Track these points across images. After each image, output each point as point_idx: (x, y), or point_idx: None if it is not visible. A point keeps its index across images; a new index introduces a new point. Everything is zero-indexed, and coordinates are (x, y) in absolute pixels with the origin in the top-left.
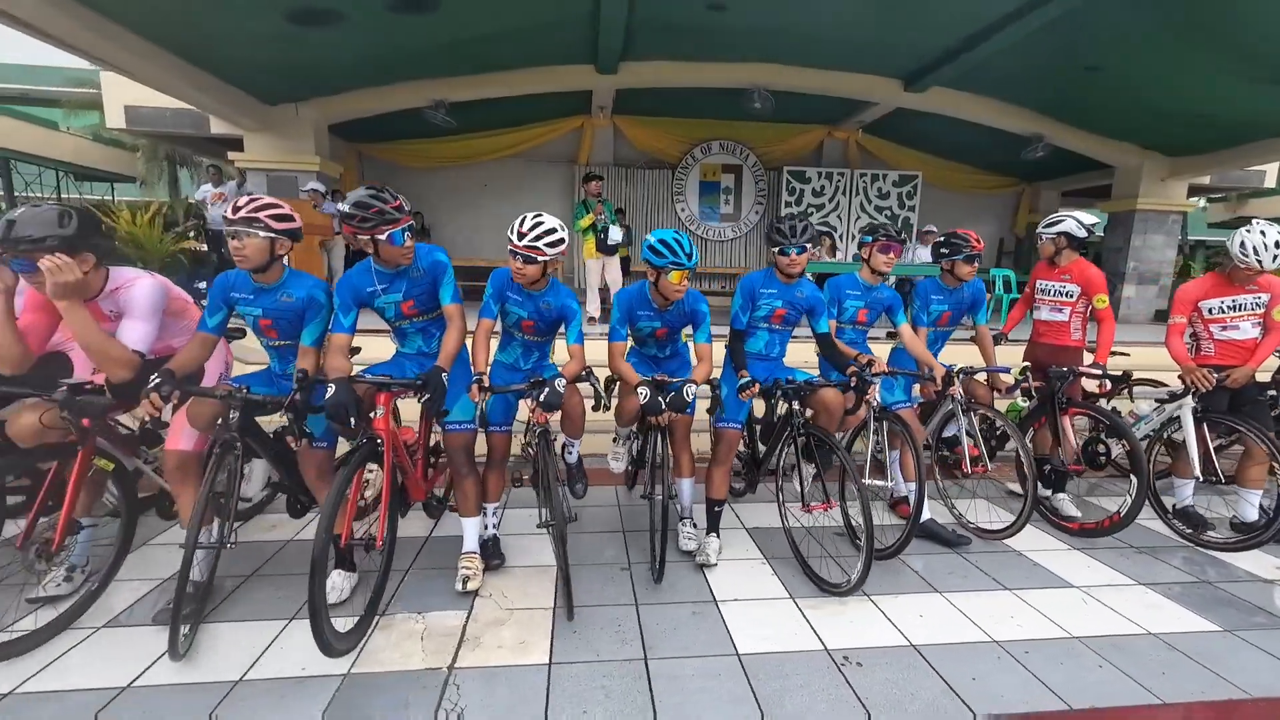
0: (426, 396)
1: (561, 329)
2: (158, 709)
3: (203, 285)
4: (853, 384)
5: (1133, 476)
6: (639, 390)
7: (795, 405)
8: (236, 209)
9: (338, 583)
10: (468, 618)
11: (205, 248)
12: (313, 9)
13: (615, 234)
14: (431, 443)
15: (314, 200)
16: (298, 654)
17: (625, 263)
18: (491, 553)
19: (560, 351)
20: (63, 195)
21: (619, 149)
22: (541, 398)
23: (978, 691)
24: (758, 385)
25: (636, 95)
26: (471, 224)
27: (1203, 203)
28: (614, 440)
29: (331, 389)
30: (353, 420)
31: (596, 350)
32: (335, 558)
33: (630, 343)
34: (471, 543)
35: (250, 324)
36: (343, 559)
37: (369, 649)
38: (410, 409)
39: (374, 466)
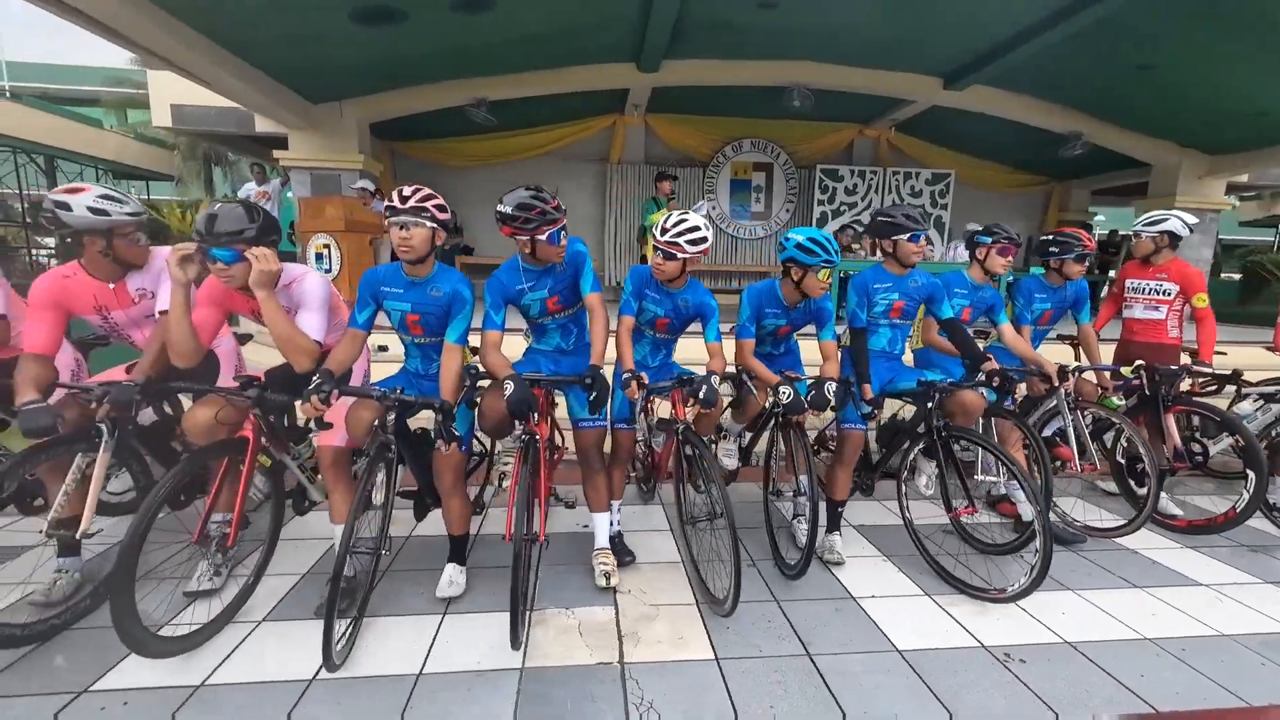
0: (594, 395)
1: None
2: (351, 704)
3: None
4: (995, 384)
5: (1249, 473)
6: (781, 390)
7: (932, 407)
8: (405, 198)
9: (454, 577)
10: (616, 613)
11: None
12: (378, 8)
13: None
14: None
15: (364, 199)
16: (466, 648)
17: (641, 260)
18: (620, 549)
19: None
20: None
21: (650, 147)
22: (701, 394)
23: (1151, 688)
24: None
25: (670, 93)
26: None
27: (1235, 201)
28: (724, 438)
29: (511, 386)
30: (535, 416)
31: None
32: (451, 551)
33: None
34: (603, 539)
35: (396, 321)
36: (458, 553)
37: (534, 643)
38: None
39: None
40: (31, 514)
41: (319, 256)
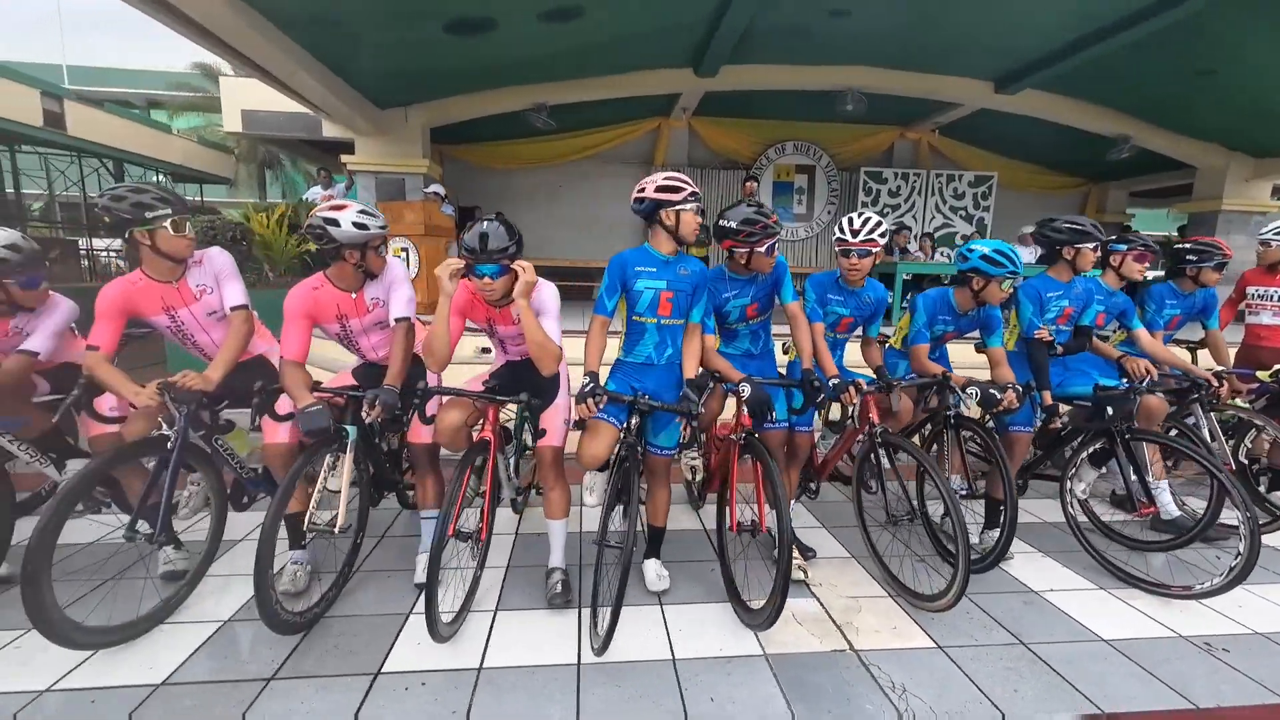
0: (820, 398)
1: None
2: (632, 685)
3: None
4: (1186, 386)
5: None
6: (968, 390)
7: (1112, 411)
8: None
9: (660, 571)
10: (821, 605)
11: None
12: (471, 19)
13: None
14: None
15: (434, 203)
16: (702, 637)
17: (704, 263)
18: (801, 546)
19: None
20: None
21: (693, 150)
22: (894, 402)
23: None
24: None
25: (714, 96)
26: (545, 224)
27: None
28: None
29: (748, 388)
30: (771, 415)
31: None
32: (649, 547)
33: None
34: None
35: (646, 302)
36: (657, 548)
37: (762, 633)
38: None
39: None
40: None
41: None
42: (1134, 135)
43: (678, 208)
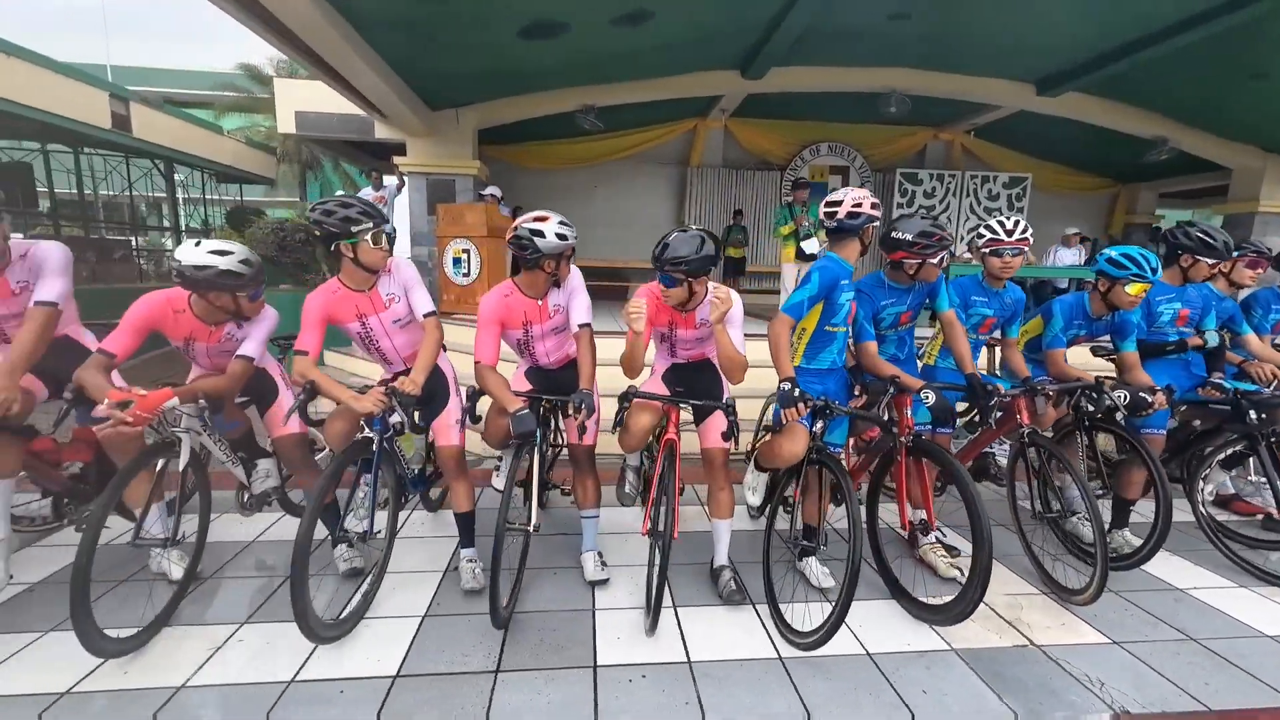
0: (990, 403)
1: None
2: (847, 676)
3: None
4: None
5: None
6: (1118, 393)
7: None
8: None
9: (817, 569)
10: (985, 602)
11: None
12: (545, 24)
13: (811, 245)
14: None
15: (494, 205)
16: (884, 631)
17: (740, 263)
18: (947, 544)
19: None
20: (207, 195)
21: (728, 150)
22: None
23: None
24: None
25: (753, 98)
26: (580, 224)
27: None
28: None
29: (933, 396)
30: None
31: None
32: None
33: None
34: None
35: (844, 312)
36: (811, 547)
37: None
38: None
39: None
40: None
41: (456, 261)
42: (1171, 137)
43: (875, 224)
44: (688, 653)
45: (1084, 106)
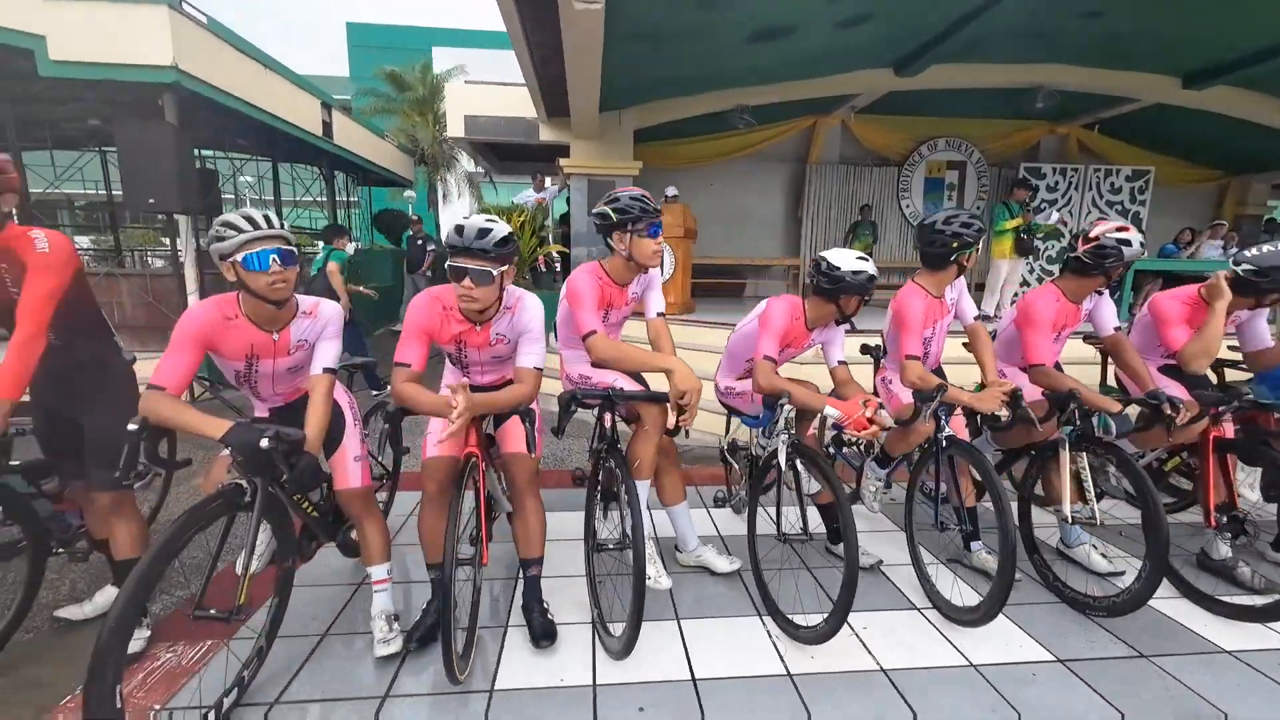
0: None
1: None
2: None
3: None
4: None
5: None
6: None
7: None
8: None
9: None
10: None
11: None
12: (775, 27)
13: (1051, 216)
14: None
15: (687, 206)
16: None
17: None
18: None
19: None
20: (349, 198)
21: (845, 148)
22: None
23: None
24: None
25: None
26: (698, 222)
27: None
28: None
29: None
30: None
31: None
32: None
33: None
34: None
35: None
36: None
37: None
38: None
39: None
40: None
41: None
42: None
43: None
44: (786, 665)
45: (1230, 99)
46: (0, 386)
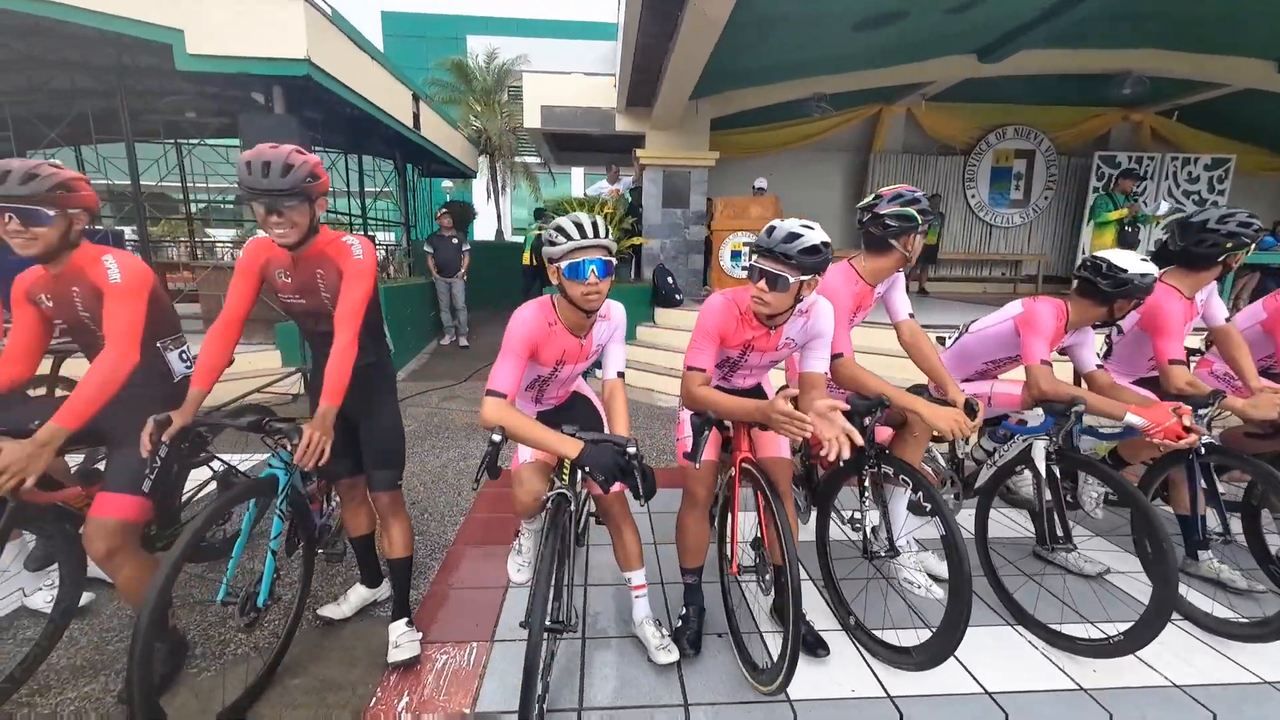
0: None
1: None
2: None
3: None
4: None
5: None
6: None
7: None
8: None
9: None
10: None
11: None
12: (886, 13)
13: (1163, 207)
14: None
15: (775, 198)
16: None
17: (933, 250)
18: None
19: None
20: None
21: (909, 137)
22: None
23: None
24: None
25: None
26: None
27: None
28: None
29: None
30: None
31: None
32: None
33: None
34: None
35: None
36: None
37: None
38: None
39: None
40: None
41: (735, 255)
42: None
43: None
44: (886, 690)
45: None
46: (332, 394)
